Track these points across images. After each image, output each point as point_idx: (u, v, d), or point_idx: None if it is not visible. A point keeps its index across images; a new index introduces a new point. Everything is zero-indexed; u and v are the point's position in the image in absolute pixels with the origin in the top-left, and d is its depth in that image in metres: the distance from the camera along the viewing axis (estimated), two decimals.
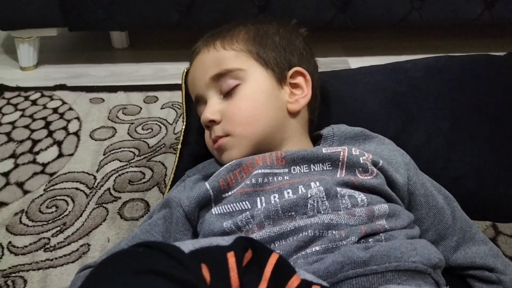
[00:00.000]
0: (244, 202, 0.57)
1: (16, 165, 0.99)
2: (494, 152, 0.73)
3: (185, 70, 0.83)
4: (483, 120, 0.74)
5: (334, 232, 0.51)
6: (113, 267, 0.33)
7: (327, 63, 0.73)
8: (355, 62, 1.41)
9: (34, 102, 1.20)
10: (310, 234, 0.51)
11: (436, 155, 0.72)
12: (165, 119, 1.14)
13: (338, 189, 0.55)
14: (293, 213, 0.54)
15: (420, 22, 1.36)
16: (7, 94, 1.23)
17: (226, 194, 0.60)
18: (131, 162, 1.00)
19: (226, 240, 0.37)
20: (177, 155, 0.79)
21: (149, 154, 1.02)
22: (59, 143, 1.06)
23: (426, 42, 1.53)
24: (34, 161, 1.00)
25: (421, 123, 0.73)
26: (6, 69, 1.39)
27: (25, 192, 0.93)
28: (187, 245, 0.35)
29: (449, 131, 0.73)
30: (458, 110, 0.74)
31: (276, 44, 0.66)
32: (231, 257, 0.34)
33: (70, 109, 1.18)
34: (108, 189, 0.93)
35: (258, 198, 0.57)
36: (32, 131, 1.10)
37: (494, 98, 0.76)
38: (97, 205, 0.89)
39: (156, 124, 1.12)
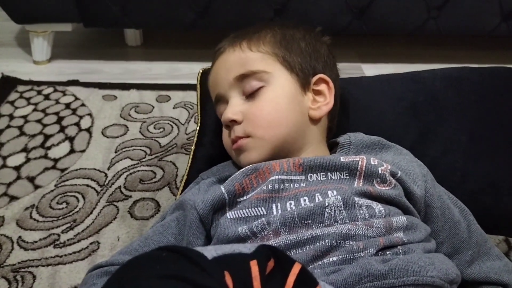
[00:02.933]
0: (259, 208, 0.57)
1: (28, 160, 0.99)
2: None
3: (201, 71, 0.83)
4: (502, 134, 0.73)
5: (351, 242, 0.50)
6: (138, 270, 0.32)
7: (341, 69, 0.73)
8: (369, 69, 1.40)
9: (46, 97, 1.20)
10: (327, 244, 0.50)
11: (453, 167, 0.71)
12: (177, 119, 1.14)
13: (356, 198, 0.55)
14: (309, 221, 0.53)
15: (436, 32, 1.35)
16: (20, 88, 1.24)
17: (241, 199, 0.59)
18: (143, 161, 1.00)
19: (248, 248, 0.36)
20: (191, 156, 0.79)
21: (161, 153, 1.02)
22: (71, 139, 1.06)
23: (441, 51, 1.52)
24: (45, 156, 1.00)
25: (439, 135, 0.72)
26: (19, 62, 1.39)
27: (36, 187, 0.93)
28: (210, 251, 0.35)
29: (467, 144, 0.72)
30: (477, 122, 0.73)
31: (302, 50, 0.66)
32: (254, 266, 0.34)
33: (83, 105, 1.18)
34: (119, 187, 0.93)
35: (274, 205, 0.56)
36: (44, 125, 1.10)
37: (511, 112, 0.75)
38: (107, 203, 0.89)
39: (168, 123, 1.12)
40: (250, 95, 0.63)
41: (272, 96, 0.63)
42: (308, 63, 0.66)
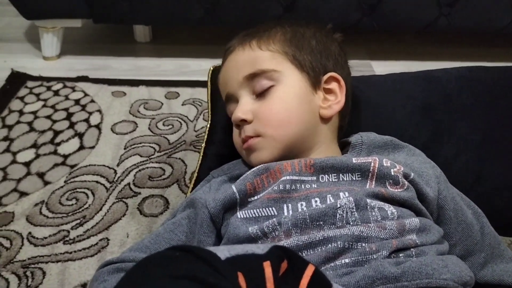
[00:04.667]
0: (270, 208, 0.56)
1: (37, 155, 1.00)
2: None
3: (212, 68, 0.83)
4: None
5: (364, 244, 0.50)
6: (151, 270, 0.32)
7: (350, 66, 0.72)
8: (379, 66, 1.39)
9: (56, 93, 1.20)
10: (339, 246, 0.50)
11: (467, 168, 0.70)
12: (186, 116, 1.14)
13: (368, 200, 0.54)
14: (321, 223, 0.53)
15: (447, 29, 1.33)
16: (30, 84, 1.24)
17: (252, 199, 0.59)
18: (152, 158, 1.00)
19: (261, 249, 0.36)
20: (201, 154, 0.79)
21: (170, 150, 1.02)
22: (80, 135, 1.06)
23: (452, 49, 1.51)
24: (55, 152, 1.01)
25: (452, 135, 0.72)
26: (29, 58, 1.39)
27: (46, 183, 0.93)
28: (223, 252, 0.35)
29: (481, 145, 0.71)
30: (490, 123, 0.72)
31: (312, 48, 0.65)
32: (267, 267, 0.33)
33: (92, 101, 1.18)
34: (128, 184, 0.93)
35: (285, 205, 0.56)
36: (54, 121, 1.10)
37: None
38: (117, 200, 0.89)
39: (177, 120, 1.12)
40: (260, 94, 0.63)
41: (282, 95, 0.62)
42: (318, 61, 0.65)
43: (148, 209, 0.87)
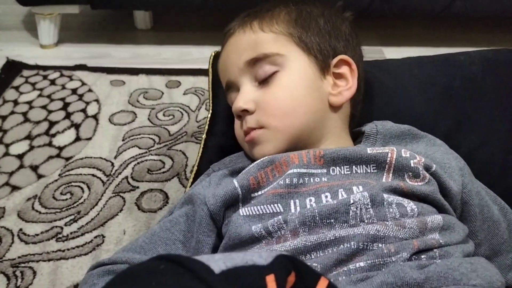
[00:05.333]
0: (276, 205, 0.51)
1: (32, 147, 0.95)
2: None
3: (213, 54, 0.77)
4: None
5: (381, 245, 0.44)
6: (129, 286, 0.27)
7: (362, 49, 0.66)
8: (391, 52, 1.32)
9: (52, 82, 1.15)
10: (353, 247, 0.44)
11: (492, 160, 0.64)
12: (187, 106, 1.08)
13: (385, 195, 0.48)
14: (332, 221, 0.48)
15: (463, 13, 1.26)
16: (26, 72, 1.19)
17: (256, 194, 0.54)
18: (151, 150, 0.94)
19: (264, 258, 0.30)
20: (202, 146, 0.73)
21: (170, 142, 0.97)
22: (76, 126, 1.01)
23: (468, 34, 1.43)
24: (50, 144, 0.96)
25: (476, 124, 0.65)
26: (25, 46, 1.35)
27: (39, 176, 0.88)
28: (218, 263, 0.29)
29: (508, 134, 0.65)
30: None
31: (320, 28, 0.59)
32: (270, 282, 0.28)
33: (90, 90, 1.13)
34: (126, 177, 0.88)
35: (292, 201, 0.51)
36: (50, 112, 1.05)
37: None
38: (113, 194, 0.84)
39: (178, 110, 1.07)
40: (263, 81, 0.57)
41: (287, 82, 0.56)
42: (327, 43, 0.59)
43: (147, 204, 0.82)
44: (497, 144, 0.64)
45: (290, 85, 0.56)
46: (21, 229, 0.77)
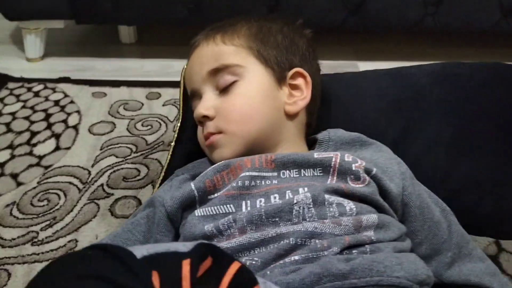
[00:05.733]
0: (228, 205, 0.55)
1: (13, 156, 0.99)
2: (498, 166, 0.69)
3: (185, 67, 0.81)
4: (488, 131, 0.70)
5: (317, 241, 0.48)
6: (58, 270, 0.31)
7: (336, 66, 0.71)
8: (366, 66, 1.36)
9: (36, 94, 1.19)
10: (291, 242, 0.48)
11: (436, 165, 0.68)
12: (166, 116, 1.12)
13: (326, 196, 0.52)
14: (277, 219, 0.51)
15: (433, 28, 1.32)
16: (11, 85, 1.23)
17: (212, 196, 0.58)
18: (127, 159, 0.98)
19: (186, 247, 0.34)
20: (170, 152, 0.77)
21: (147, 151, 1.01)
22: (57, 136, 1.04)
23: (439, 48, 1.49)
24: (30, 153, 0.99)
25: (422, 132, 0.70)
26: (12, 59, 1.39)
27: (19, 184, 0.92)
28: (141, 250, 0.33)
29: (451, 141, 0.69)
30: (462, 119, 0.70)
31: (278, 43, 0.64)
32: (186, 265, 0.32)
33: (72, 102, 1.17)
34: (102, 185, 0.91)
35: (244, 202, 0.55)
36: (32, 122, 1.09)
37: (502, 108, 0.72)
38: (89, 201, 0.88)
39: (157, 121, 1.11)
40: (224, 90, 0.61)
41: (245, 91, 0.61)
42: (284, 57, 0.64)
43: (120, 211, 0.86)
44: (441, 151, 0.68)
45: (247, 94, 0.61)
46: None
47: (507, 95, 0.74)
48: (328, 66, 0.71)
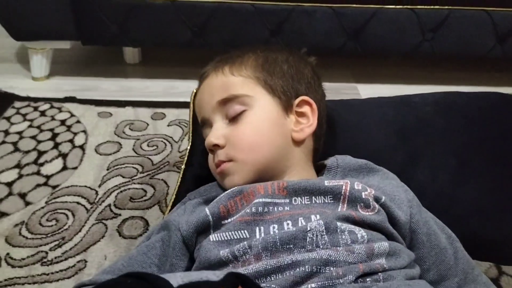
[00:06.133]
0: (242, 231, 0.56)
1: (20, 176, 1.00)
2: (500, 193, 0.72)
3: (194, 91, 0.83)
4: (490, 159, 0.73)
5: (332, 269, 0.50)
6: None
7: (336, 89, 0.73)
8: (365, 89, 1.41)
9: (43, 113, 1.21)
10: (307, 270, 0.50)
11: (441, 192, 0.71)
12: (171, 137, 1.14)
13: (339, 223, 0.54)
14: (291, 246, 0.53)
15: (431, 53, 1.36)
16: (17, 104, 1.25)
17: (226, 221, 0.59)
18: (134, 179, 1.00)
19: (217, 275, 0.36)
20: (180, 175, 0.79)
21: (153, 171, 1.02)
22: (64, 156, 1.06)
23: (436, 73, 1.53)
24: (38, 173, 1.01)
25: (427, 159, 0.72)
26: (18, 78, 1.41)
27: (27, 203, 0.93)
28: (177, 278, 0.35)
29: (455, 169, 0.72)
30: (465, 147, 0.73)
31: (284, 72, 0.66)
32: None
33: (78, 122, 1.18)
34: (109, 205, 0.93)
35: (257, 228, 0.56)
36: (39, 142, 1.10)
37: (502, 137, 0.75)
38: (96, 221, 0.89)
39: (162, 141, 1.13)
40: (233, 119, 0.63)
41: (254, 120, 0.63)
42: (290, 85, 0.66)
43: (128, 231, 0.87)
44: (446, 178, 0.71)
45: (256, 123, 0.63)
46: (8, 254, 0.81)
47: (505, 123, 0.78)
48: (328, 88, 0.73)
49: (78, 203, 0.93)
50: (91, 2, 1.25)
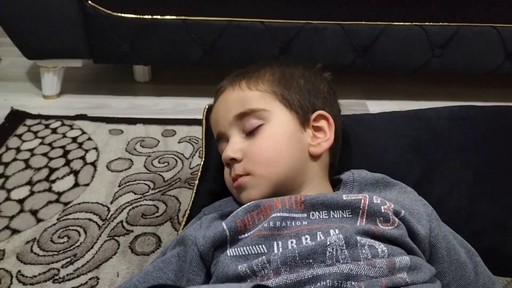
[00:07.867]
0: (260, 246, 0.56)
1: (32, 193, 1.00)
2: None
3: (207, 107, 0.84)
4: (508, 174, 0.72)
5: (353, 283, 0.49)
6: None
7: (345, 105, 0.73)
8: (374, 105, 1.41)
9: (54, 131, 1.22)
10: (328, 284, 0.49)
11: (459, 207, 0.70)
12: (181, 153, 1.14)
13: (358, 238, 0.54)
14: (311, 261, 0.52)
15: (440, 70, 1.36)
16: (28, 122, 1.25)
17: (243, 236, 0.58)
18: (146, 195, 0.99)
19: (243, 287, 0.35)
20: (194, 191, 0.79)
21: (164, 188, 1.02)
22: (75, 173, 1.06)
23: (445, 89, 1.53)
24: (49, 190, 1.01)
25: (444, 173, 0.72)
26: (29, 96, 1.42)
27: (39, 220, 0.92)
28: None
29: (472, 183, 0.71)
30: (481, 161, 0.73)
31: (300, 87, 0.67)
32: None
33: (89, 139, 1.19)
34: (121, 221, 0.92)
35: (275, 242, 0.55)
36: (50, 159, 1.11)
37: None
38: (109, 238, 0.88)
39: (173, 158, 1.13)
40: (250, 133, 0.63)
41: (271, 134, 0.63)
42: (307, 100, 0.66)
43: (140, 248, 0.86)
44: (463, 193, 0.70)
45: (273, 137, 0.63)
46: (19, 271, 0.80)
47: None
48: None
49: (90, 219, 0.92)
50: (103, 21, 1.26)
